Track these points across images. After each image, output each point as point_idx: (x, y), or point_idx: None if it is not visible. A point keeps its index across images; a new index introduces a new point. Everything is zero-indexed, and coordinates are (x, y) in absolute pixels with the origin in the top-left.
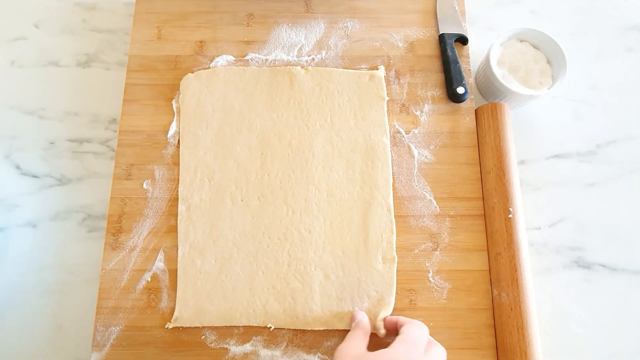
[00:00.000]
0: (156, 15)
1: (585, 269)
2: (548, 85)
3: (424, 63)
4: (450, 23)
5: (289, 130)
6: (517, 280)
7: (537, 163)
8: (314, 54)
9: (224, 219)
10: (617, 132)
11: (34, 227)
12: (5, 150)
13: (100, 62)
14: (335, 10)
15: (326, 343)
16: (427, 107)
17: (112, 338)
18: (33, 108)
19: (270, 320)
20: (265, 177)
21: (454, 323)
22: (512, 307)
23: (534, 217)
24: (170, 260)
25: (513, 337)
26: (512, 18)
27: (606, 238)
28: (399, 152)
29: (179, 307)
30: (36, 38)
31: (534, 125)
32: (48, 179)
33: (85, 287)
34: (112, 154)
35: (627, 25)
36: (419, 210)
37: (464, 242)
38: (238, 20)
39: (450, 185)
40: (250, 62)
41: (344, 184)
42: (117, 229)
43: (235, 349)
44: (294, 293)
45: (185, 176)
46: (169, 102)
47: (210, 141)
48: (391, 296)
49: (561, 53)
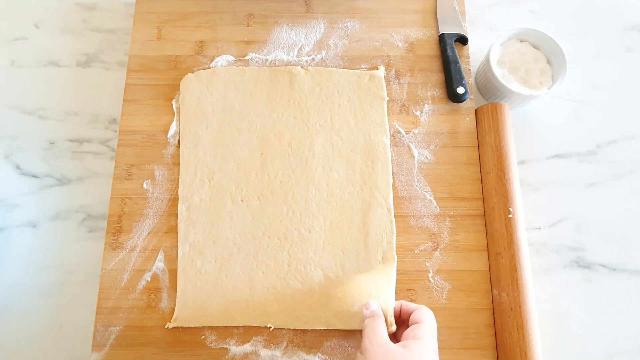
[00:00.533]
0: (156, 15)
1: (585, 269)
2: (548, 85)
3: (424, 63)
4: (450, 23)
5: (289, 130)
6: (517, 280)
7: (537, 163)
8: (314, 54)
9: (224, 219)
10: (617, 132)
11: (34, 227)
12: (5, 150)
13: (100, 62)
14: (335, 10)
15: (326, 343)
16: (427, 107)
17: (112, 338)
18: (33, 108)
19: (270, 320)
20: (265, 177)
21: (454, 323)
22: (512, 307)
23: (534, 217)
24: (170, 260)
25: (513, 337)
26: (512, 18)
27: (606, 238)
28: (399, 152)
29: (179, 307)
30: (36, 38)
31: (534, 125)
32: (48, 179)
33: (85, 287)
34: (112, 154)
35: (627, 25)
36: (419, 210)
37: (464, 242)
38: (238, 20)
39: (450, 185)
40: (250, 62)
41: (344, 184)
42: (117, 229)
43: (235, 349)
44: (294, 293)
45: (185, 176)
46: (169, 102)
47: (210, 141)
48: (391, 296)
49: (561, 53)
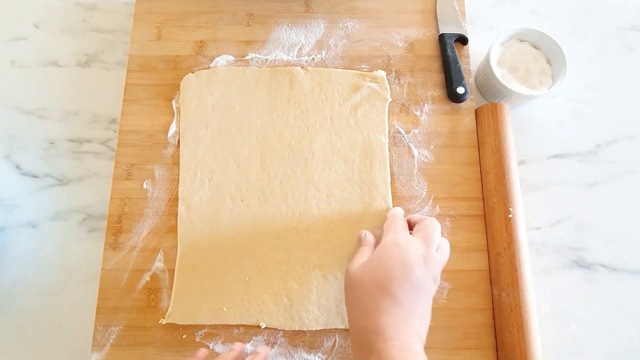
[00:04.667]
0: (156, 15)
1: (585, 269)
2: (548, 85)
3: (424, 63)
4: (450, 23)
5: (288, 130)
6: (517, 280)
7: (537, 163)
8: (314, 54)
9: (224, 219)
10: (617, 132)
11: (34, 227)
12: (5, 150)
13: (100, 62)
14: (335, 10)
15: (326, 343)
16: (427, 107)
17: (112, 338)
18: (33, 108)
19: (263, 319)
20: (265, 177)
21: (454, 323)
22: (512, 307)
23: (534, 217)
24: (170, 260)
25: (513, 337)
26: (512, 18)
27: (606, 238)
28: (399, 152)
29: (173, 304)
30: (36, 38)
31: (534, 125)
32: (48, 179)
33: (85, 287)
34: (112, 154)
35: (627, 25)
36: (419, 210)
37: (464, 242)
38: (238, 20)
39: (450, 185)
40: (250, 62)
41: (343, 184)
42: (117, 229)
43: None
44: (290, 293)
45: (185, 176)
46: (169, 102)
47: (210, 141)
48: None
49: (561, 53)
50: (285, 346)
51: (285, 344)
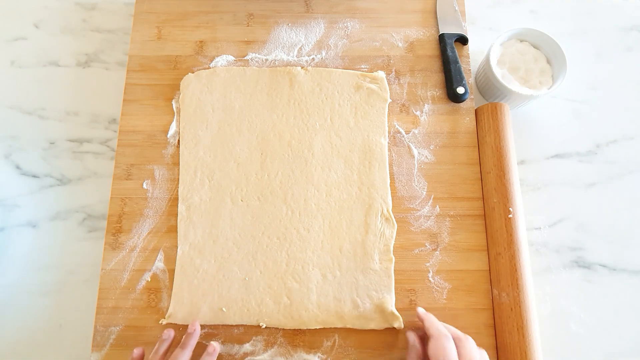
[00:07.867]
0: (156, 15)
1: (585, 269)
2: (548, 85)
3: (424, 63)
4: (450, 23)
5: (288, 130)
6: (517, 280)
7: (537, 163)
8: (314, 54)
9: (224, 219)
10: (617, 132)
11: (34, 227)
12: (5, 150)
13: (100, 62)
14: (335, 10)
15: (326, 343)
16: (427, 107)
17: (112, 338)
18: (33, 108)
19: (263, 319)
20: (265, 177)
21: (454, 323)
22: (512, 307)
23: (534, 217)
24: (170, 260)
25: (513, 337)
26: (512, 18)
27: (606, 238)
28: (399, 152)
29: (174, 304)
30: (36, 38)
31: (534, 125)
32: (48, 179)
33: (85, 287)
34: (112, 154)
35: (627, 25)
36: (419, 210)
37: (464, 242)
38: (238, 20)
39: (450, 185)
40: (250, 62)
41: (342, 184)
42: (117, 229)
43: (235, 348)
44: (290, 292)
45: (185, 176)
46: (169, 102)
47: (210, 141)
48: (390, 296)
49: (561, 53)
50: (285, 346)
51: (285, 344)
